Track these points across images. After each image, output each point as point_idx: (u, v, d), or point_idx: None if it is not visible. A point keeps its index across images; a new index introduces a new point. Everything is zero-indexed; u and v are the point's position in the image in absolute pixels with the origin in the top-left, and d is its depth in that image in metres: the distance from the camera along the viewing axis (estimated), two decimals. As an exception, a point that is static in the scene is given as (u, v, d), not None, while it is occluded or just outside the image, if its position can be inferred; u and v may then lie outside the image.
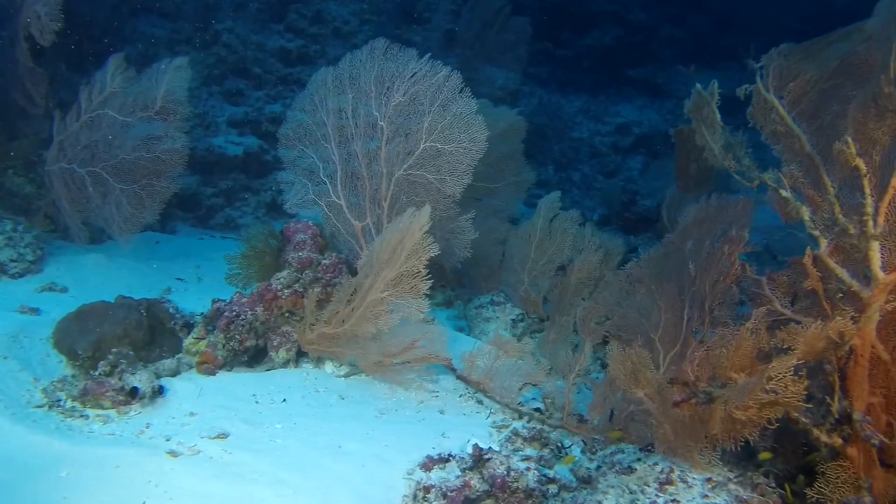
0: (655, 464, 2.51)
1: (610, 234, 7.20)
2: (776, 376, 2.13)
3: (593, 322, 3.45)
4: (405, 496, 2.54)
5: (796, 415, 2.31)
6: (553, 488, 2.76)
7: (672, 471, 2.44)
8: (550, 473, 2.87)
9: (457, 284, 4.78)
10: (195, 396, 3.06)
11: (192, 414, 2.90)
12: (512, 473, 2.57)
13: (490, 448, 2.66)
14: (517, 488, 2.56)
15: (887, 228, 2.37)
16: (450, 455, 2.74)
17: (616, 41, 10.79)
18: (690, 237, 3.31)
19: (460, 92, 3.49)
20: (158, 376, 3.20)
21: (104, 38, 6.56)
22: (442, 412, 3.22)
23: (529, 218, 4.43)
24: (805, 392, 2.13)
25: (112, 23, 6.95)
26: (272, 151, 6.72)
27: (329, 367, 3.57)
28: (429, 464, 2.71)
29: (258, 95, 7.47)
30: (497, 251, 4.50)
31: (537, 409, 3.30)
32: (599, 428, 3.11)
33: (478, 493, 2.55)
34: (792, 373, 2.11)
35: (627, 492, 2.40)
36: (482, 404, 3.36)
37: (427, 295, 3.27)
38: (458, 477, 2.60)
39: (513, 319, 4.21)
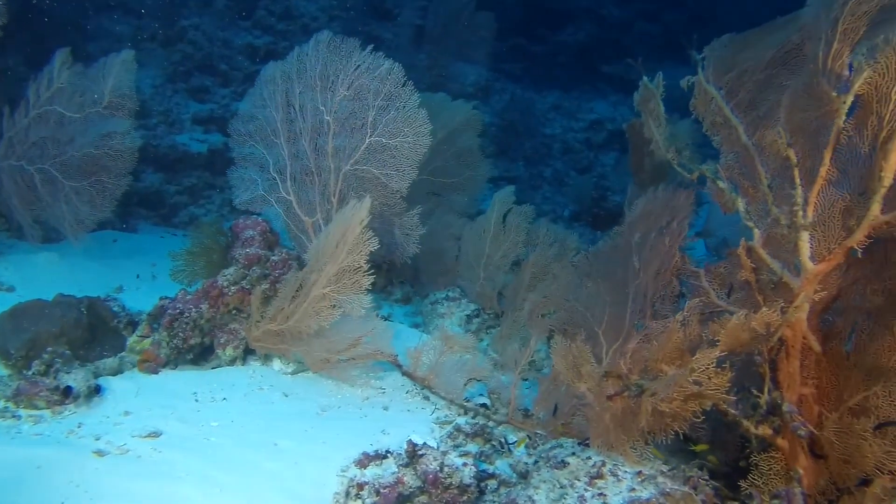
0: (589, 458, 2.48)
1: (579, 229, 7.22)
2: (699, 368, 2.11)
3: (540, 316, 3.43)
4: (336, 493, 2.50)
5: (725, 406, 2.30)
6: (492, 483, 2.75)
7: (604, 465, 2.41)
8: (490, 469, 2.85)
9: (415, 280, 4.74)
10: (133, 395, 3.02)
11: (126, 413, 2.86)
12: (445, 469, 2.54)
13: (425, 444, 2.63)
14: (450, 484, 2.53)
15: (816, 219, 2.35)
16: (387, 452, 2.70)
17: (590, 37, 10.78)
18: (638, 230, 3.30)
19: (403, 85, 3.46)
20: (98, 375, 3.15)
21: (66, 34, 6.48)
22: (386, 409, 3.19)
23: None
24: (728, 384, 2.11)
25: (75, 19, 6.86)
26: (238, 149, 6.67)
27: (277, 364, 3.53)
28: (364, 461, 2.67)
29: (224, 93, 7.40)
30: (454, 246, 4.48)
31: (483, 405, 3.28)
32: (544, 423, 3.09)
33: (411, 490, 2.52)
34: (714, 365, 2.09)
35: (558, 486, 2.38)
36: (429, 400, 3.33)
37: (369, 290, 3.23)
38: (393, 473, 2.57)
39: (467, 315, 4.18)
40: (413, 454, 2.58)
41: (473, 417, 3.21)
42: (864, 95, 2.25)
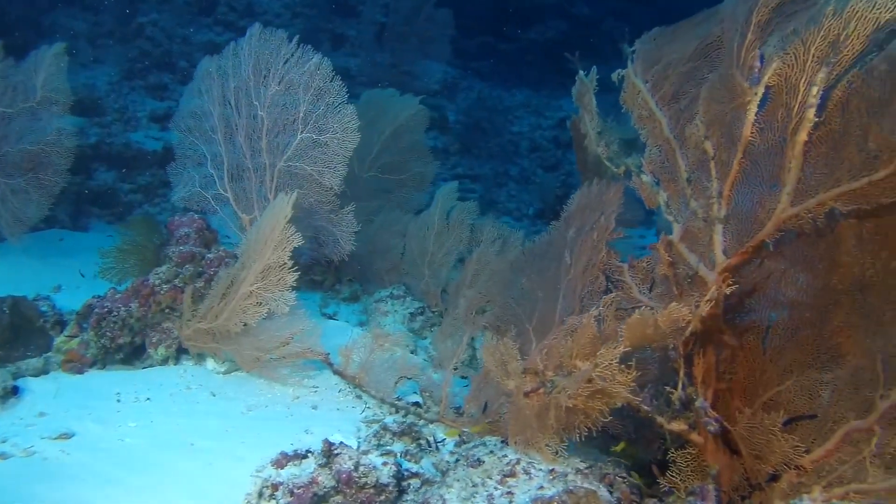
0: (505, 456, 2.44)
1: (542, 227, 7.18)
2: (602, 364, 2.07)
3: (474, 312, 3.39)
4: (248, 494, 2.44)
5: (637, 403, 2.27)
6: (415, 482, 2.70)
7: (518, 463, 2.37)
8: (414, 468, 2.81)
9: (363, 278, 4.69)
10: (52, 396, 2.95)
11: (41, 414, 2.79)
12: (361, 468, 2.50)
13: (341, 443, 2.59)
14: (366, 483, 2.48)
15: (730, 212, 2.33)
16: (308, 451, 2.66)
17: (560, 35, 10.77)
18: (572, 225, 3.27)
19: (332, 80, 3.40)
20: (18, 376, 3.08)
21: (20, 30, 6.38)
22: (315, 408, 3.14)
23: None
24: (634, 382, 2.08)
25: (29, 15, 6.76)
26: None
27: (210, 363, 3.47)
28: (282, 460, 2.62)
29: (183, 90, 7.30)
30: (400, 243, 4.43)
31: (416, 404, 3.24)
32: (474, 420, 3.05)
33: (325, 490, 2.47)
34: (618, 361, 2.06)
35: (470, 485, 2.34)
36: (361, 399, 3.28)
37: (306, 285, 3.18)
38: (309, 474, 2.52)
39: (411, 313, 4.14)
40: (329, 454, 2.54)
41: (404, 416, 3.16)
42: (774, 87, 2.22)
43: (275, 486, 2.48)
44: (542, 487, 2.22)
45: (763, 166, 2.26)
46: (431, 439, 3.02)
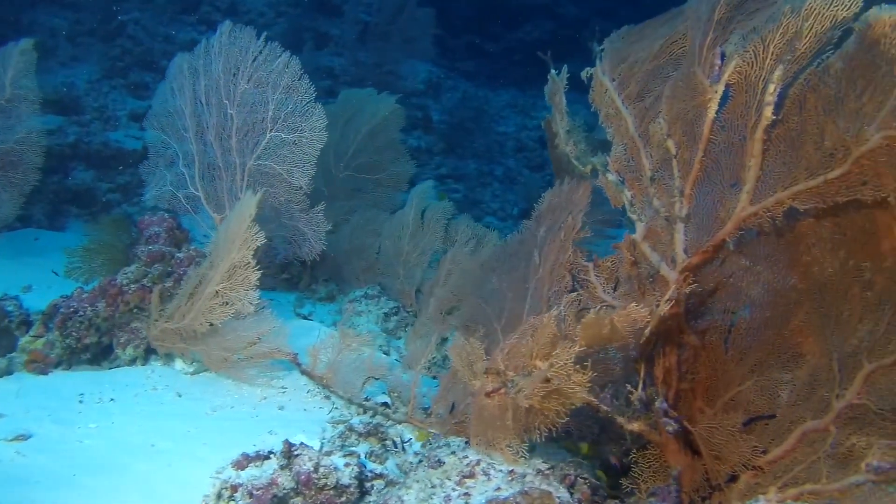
0: (466, 456, 2.42)
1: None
2: (558, 364, 2.05)
3: (444, 313, 3.37)
4: (206, 496, 2.41)
5: (596, 403, 2.25)
6: (379, 483, 2.68)
7: (478, 463, 2.35)
8: (378, 469, 2.78)
9: (339, 278, 4.66)
10: (13, 397, 2.91)
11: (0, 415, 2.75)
12: (321, 469, 2.47)
13: (301, 444, 2.56)
14: (325, 485, 2.46)
15: (692, 210, 2.31)
16: (270, 452, 2.63)
17: (547, 35, 10.75)
18: (543, 224, 3.25)
19: (300, 78, 3.38)
20: (-19, 376, 3.04)
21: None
22: (282, 408, 3.11)
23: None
24: (588, 383, 2.05)
25: (7, 13, 6.71)
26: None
27: (178, 364, 3.44)
28: (243, 462, 2.59)
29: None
30: (375, 243, 4.41)
31: (384, 404, 3.21)
32: (441, 421, 3.02)
33: (285, 491, 2.44)
34: (574, 361, 2.04)
35: (429, 486, 2.31)
36: (330, 399, 3.25)
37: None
38: (269, 475, 2.49)
39: (385, 313, 4.11)
40: (288, 455, 2.51)
41: (372, 417, 3.14)
42: (734, 85, 2.21)
43: (234, 488, 2.45)
44: (499, 489, 2.20)
45: (724, 165, 2.25)
46: (398, 440, 3.00)
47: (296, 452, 2.50)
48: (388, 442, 2.95)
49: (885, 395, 1.89)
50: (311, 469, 2.45)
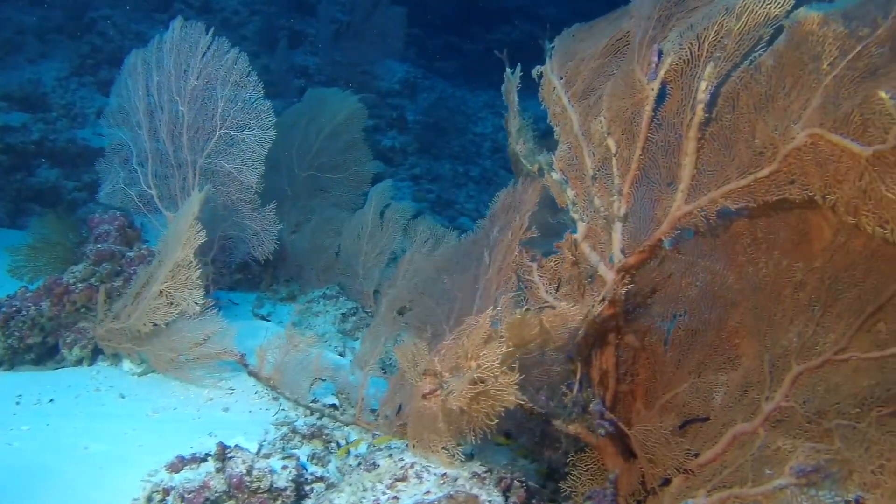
0: (402, 459, 2.37)
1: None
2: (485, 365, 2.01)
3: (395, 313, 3.32)
4: (135, 500, 2.36)
5: (530, 405, 2.21)
6: (319, 487, 2.64)
7: (412, 466, 2.31)
8: (319, 472, 2.74)
9: (301, 278, 4.61)
10: (-52, 398, 2.84)
11: (-69, 417, 2.69)
12: (255, 472, 2.42)
13: (236, 446, 2.51)
14: (259, 487, 2.41)
15: (629, 210, 2.28)
16: (207, 455, 2.58)
17: (526, 36, 10.73)
18: (497, 224, 3.22)
19: (248, 75, 3.33)
20: (-84, 377, 2.97)
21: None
22: (226, 410, 3.06)
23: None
24: (516, 384, 2.01)
25: (-25, 9, 6.62)
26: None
27: (126, 364, 3.37)
28: (178, 464, 2.54)
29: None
30: (335, 243, 4.36)
31: (332, 406, 3.16)
32: (388, 423, 2.98)
33: (217, 494, 2.39)
34: (499, 361, 2.00)
35: (361, 489, 2.27)
36: (277, 401, 3.20)
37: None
38: (203, 478, 2.44)
39: (343, 313, 4.06)
40: (222, 457, 2.46)
41: (319, 418, 3.09)
42: (671, 83, 2.18)
43: (166, 491, 2.40)
44: (428, 492, 2.16)
45: (661, 164, 2.22)
46: (343, 442, 2.96)
47: (229, 455, 2.46)
48: (332, 444, 2.90)
49: (810, 398, 1.86)
50: (244, 472, 2.40)
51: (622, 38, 2.60)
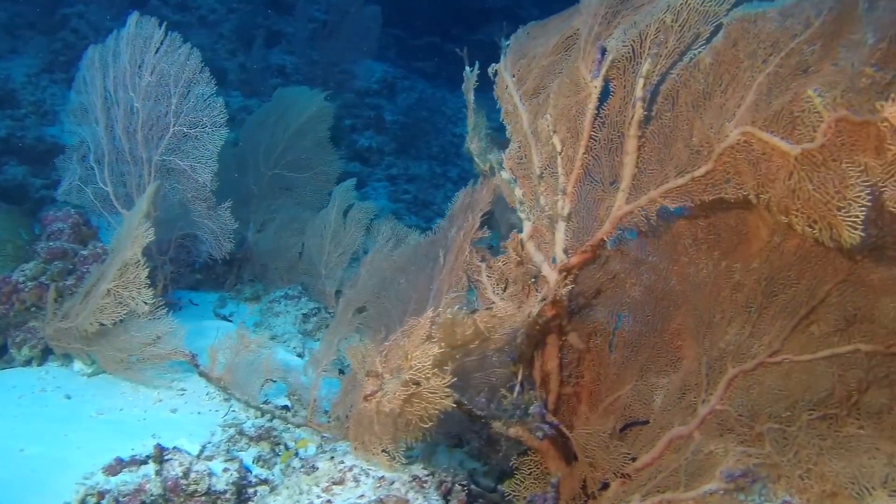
0: (342, 462, 2.33)
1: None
2: (416, 367, 1.97)
3: (351, 314, 3.27)
4: (67, 503, 2.30)
5: (469, 407, 2.17)
6: (263, 490, 2.59)
7: (351, 469, 2.26)
8: (264, 474, 2.69)
9: (266, 278, 4.56)
10: None
11: None
12: (192, 475, 2.37)
13: (174, 448, 2.46)
14: (196, 491, 2.36)
15: (573, 209, 2.25)
16: (147, 457, 2.53)
17: (508, 37, 10.68)
18: (455, 224, 3.17)
19: (201, 71, 3.28)
20: None
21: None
22: (174, 411, 3.00)
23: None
24: (448, 386, 1.97)
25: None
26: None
27: (77, 365, 3.31)
28: (116, 466, 2.48)
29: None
30: (299, 242, 4.31)
31: (284, 407, 3.11)
32: (339, 425, 2.93)
33: (153, 497, 2.34)
34: (430, 363, 1.96)
35: (297, 492, 2.22)
36: (229, 402, 3.15)
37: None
38: (139, 481, 2.39)
39: (304, 314, 4.01)
40: (159, 459, 2.41)
41: (269, 420, 3.04)
42: (613, 80, 2.15)
43: (101, 494, 2.35)
44: (362, 496, 2.12)
45: (604, 162, 2.19)
46: (292, 444, 2.91)
47: (166, 457, 2.41)
48: (280, 446, 2.85)
49: (744, 401, 1.83)
50: (180, 475, 2.35)
51: (572, 36, 2.57)
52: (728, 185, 1.83)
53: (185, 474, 2.35)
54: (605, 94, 2.22)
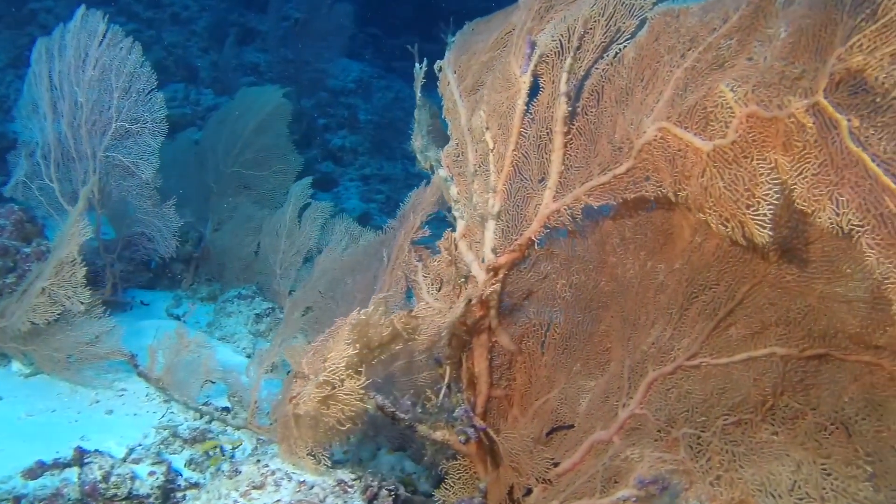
0: (267, 465, 2.27)
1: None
2: (330, 368, 1.91)
3: (297, 313, 3.21)
4: (-19, 508, 2.24)
5: (391, 410, 2.11)
6: (193, 493, 2.53)
7: (274, 473, 2.20)
8: (195, 478, 2.63)
9: (223, 277, 4.49)
10: None
11: None
12: (112, 479, 2.31)
13: (95, 451, 2.40)
14: (115, 495, 2.30)
15: (502, 207, 2.19)
16: (71, 461, 2.46)
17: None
18: (404, 223, 3.12)
19: (142, 65, 3.21)
20: None
21: None
22: (110, 412, 2.94)
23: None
24: (362, 390, 1.92)
25: None
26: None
27: (15, 365, 3.23)
28: (36, 470, 2.42)
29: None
30: (255, 241, 4.24)
31: (225, 409, 3.05)
32: (276, 427, 2.87)
33: (70, 502, 2.28)
34: (344, 364, 1.90)
35: (216, 496, 2.16)
36: (169, 403, 3.08)
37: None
38: (56, 485, 2.32)
39: (257, 314, 3.95)
40: (79, 462, 2.34)
41: (208, 422, 2.97)
42: (542, 76, 2.10)
43: (16, 499, 2.28)
44: (279, 501, 2.06)
45: (533, 160, 2.14)
46: (229, 447, 2.85)
47: (87, 460, 2.34)
48: (215, 449, 2.79)
49: (663, 405, 1.78)
50: (99, 478, 2.28)
51: (511, 32, 2.51)
52: (648, 183, 1.78)
53: (105, 478, 2.29)
54: (536, 91, 2.18)
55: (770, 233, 1.46)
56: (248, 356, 3.70)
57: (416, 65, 3.33)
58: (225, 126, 4.65)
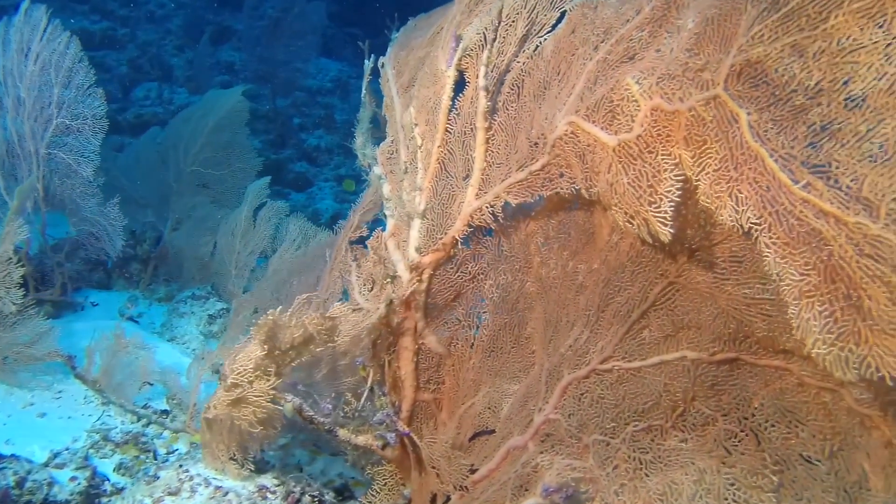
0: (187, 471, 2.20)
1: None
2: (237, 369, 1.85)
3: (243, 315, 3.15)
4: None
5: (309, 413, 2.05)
6: (116, 499, 2.45)
7: (192, 479, 2.13)
8: (123, 482, 2.56)
9: (180, 277, 4.42)
10: None
11: None
12: (27, 484, 2.23)
13: (12, 455, 2.32)
14: (30, 501, 2.22)
15: (429, 206, 2.13)
16: (-8, 465, 2.39)
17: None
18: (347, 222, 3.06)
19: (80, 61, 3.14)
20: None
21: None
22: (43, 415, 2.86)
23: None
24: (273, 391, 1.85)
25: None
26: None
27: (-47, 367, 3.16)
28: (-47, 475, 2.34)
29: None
30: (211, 241, 4.17)
31: (163, 412, 2.98)
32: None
33: (-18, 509, 2.20)
34: (253, 366, 1.84)
35: (132, 502, 2.09)
36: (107, 406, 3.01)
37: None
38: (-27, 490, 2.24)
39: (210, 315, 3.88)
40: (-6, 468, 2.27)
41: (145, 425, 2.90)
42: (467, 70, 2.04)
43: (-77, 506, 2.21)
44: (189, 508, 1.99)
45: (458, 156, 2.08)
46: (163, 451, 2.78)
47: (1, 466, 2.26)
48: (148, 453, 2.72)
49: (575, 410, 1.72)
50: (12, 484, 2.21)
51: (445, 27, 2.46)
52: (562, 180, 1.72)
53: (19, 484, 2.21)
54: (463, 86, 2.12)
55: (671, 231, 1.40)
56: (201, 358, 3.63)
57: (366, 61, 3.27)
58: (188, 125, 4.59)
